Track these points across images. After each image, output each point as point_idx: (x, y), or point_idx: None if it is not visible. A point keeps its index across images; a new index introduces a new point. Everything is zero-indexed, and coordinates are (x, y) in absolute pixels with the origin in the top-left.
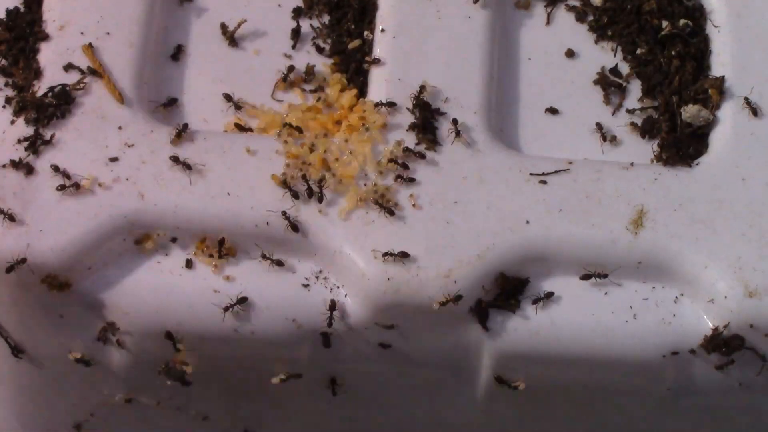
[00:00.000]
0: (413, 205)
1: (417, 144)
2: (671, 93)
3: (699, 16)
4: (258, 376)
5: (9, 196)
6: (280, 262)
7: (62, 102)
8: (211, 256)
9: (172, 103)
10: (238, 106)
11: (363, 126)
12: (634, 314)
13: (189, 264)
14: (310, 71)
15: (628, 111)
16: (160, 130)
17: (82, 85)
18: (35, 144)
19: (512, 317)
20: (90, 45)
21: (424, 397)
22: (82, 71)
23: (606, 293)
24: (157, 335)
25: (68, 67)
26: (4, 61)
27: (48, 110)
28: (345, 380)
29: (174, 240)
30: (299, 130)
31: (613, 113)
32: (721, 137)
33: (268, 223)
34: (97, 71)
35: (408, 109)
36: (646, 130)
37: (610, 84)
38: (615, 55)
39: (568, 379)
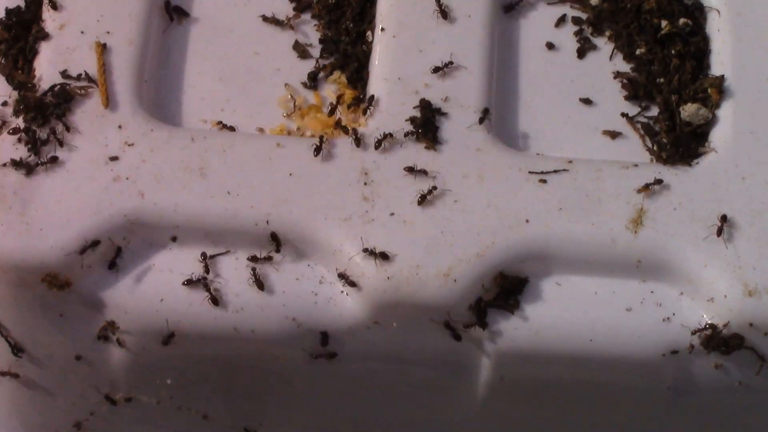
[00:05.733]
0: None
1: (417, 141)
2: (671, 92)
3: (699, 15)
4: (258, 375)
5: (9, 195)
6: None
7: (62, 101)
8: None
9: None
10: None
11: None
12: (634, 313)
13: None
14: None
15: (627, 115)
16: (160, 129)
17: (83, 91)
18: (35, 143)
19: (512, 317)
20: (104, 45)
21: (424, 396)
22: (79, 76)
23: (605, 292)
24: (157, 334)
25: (66, 70)
26: (3, 60)
27: (48, 109)
28: (345, 380)
29: (174, 239)
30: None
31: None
32: (720, 136)
33: (267, 221)
34: (92, 76)
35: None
36: (646, 129)
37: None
38: (614, 54)
39: (568, 378)
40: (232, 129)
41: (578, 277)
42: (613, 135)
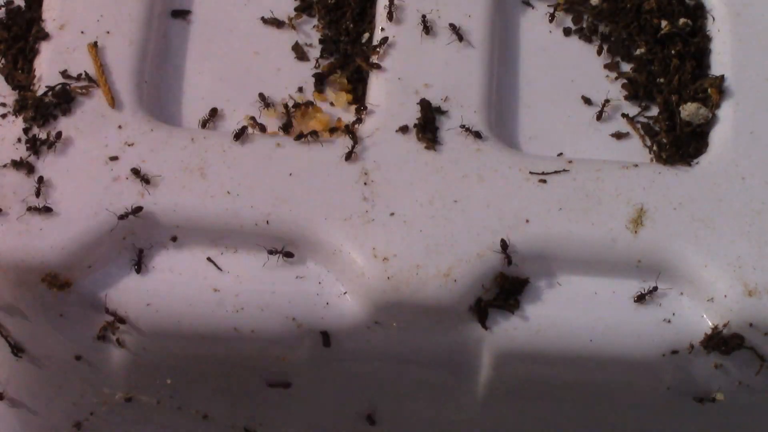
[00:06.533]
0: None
1: (419, 141)
2: (670, 92)
3: (699, 15)
4: (258, 375)
5: (9, 195)
6: (289, 254)
7: (62, 101)
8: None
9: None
10: (267, 104)
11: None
12: (634, 313)
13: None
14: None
15: (627, 116)
16: (160, 129)
17: (84, 91)
18: (35, 143)
19: (512, 316)
20: (95, 44)
21: (424, 396)
22: (79, 76)
23: (605, 292)
24: (156, 334)
25: (66, 70)
26: (3, 60)
27: (48, 109)
28: (345, 380)
29: (174, 239)
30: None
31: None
32: (720, 136)
33: (267, 221)
34: (92, 76)
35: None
36: (646, 129)
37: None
38: (614, 54)
39: (568, 378)
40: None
41: (578, 277)
42: (614, 135)
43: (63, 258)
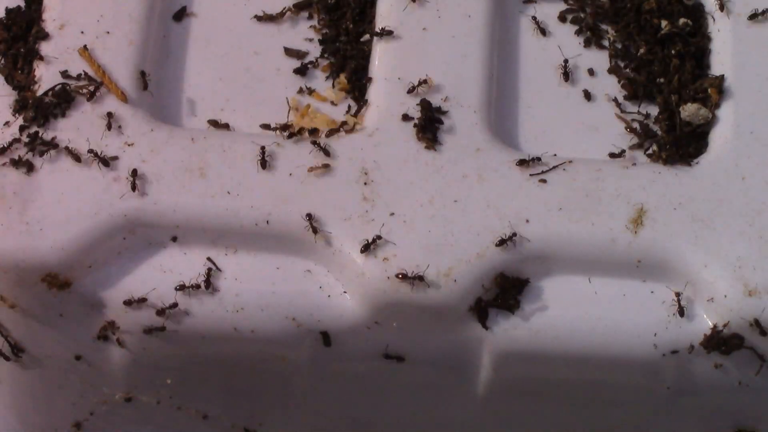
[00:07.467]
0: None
1: (419, 140)
2: (670, 92)
3: (699, 15)
4: (258, 375)
5: (9, 195)
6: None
7: (62, 101)
8: None
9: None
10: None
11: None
12: (634, 313)
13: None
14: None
15: (625, 111)
16: (160, 129)
17: (86, 91)
18: (35, 143)
19: (512, 316)
20: (85, 47)
21: (424, 395)
22: (79, 76)
23: (605, 292)
24: (156, 334)
25: (66, 70)
26: (3, 60)
27: (48, 109)
28: (345, 380)
29: (174, 239)
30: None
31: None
32: (720, 136)
33: (267, 221)
34: (96, 76)
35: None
36: (646, 129)
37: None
38: (614, 54)
39: (568, 378)
40: (226, 126)
41: (578, 277)
42: (614, 135)
43: (63, 258)
